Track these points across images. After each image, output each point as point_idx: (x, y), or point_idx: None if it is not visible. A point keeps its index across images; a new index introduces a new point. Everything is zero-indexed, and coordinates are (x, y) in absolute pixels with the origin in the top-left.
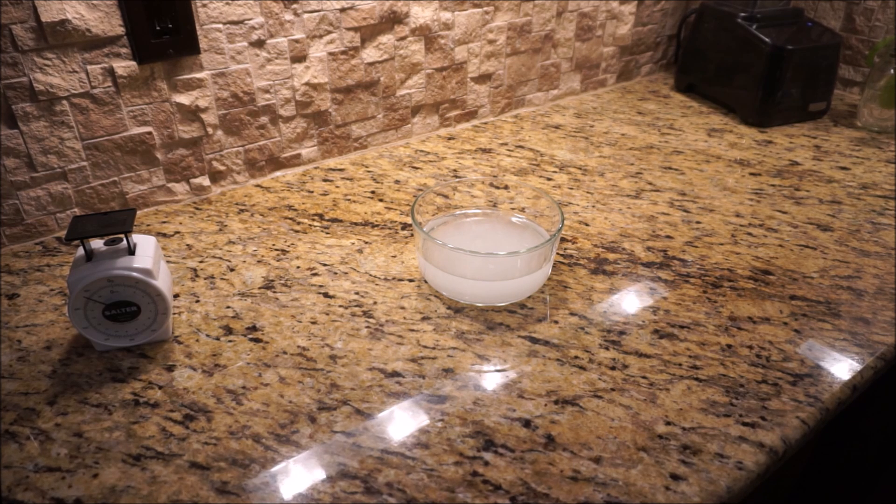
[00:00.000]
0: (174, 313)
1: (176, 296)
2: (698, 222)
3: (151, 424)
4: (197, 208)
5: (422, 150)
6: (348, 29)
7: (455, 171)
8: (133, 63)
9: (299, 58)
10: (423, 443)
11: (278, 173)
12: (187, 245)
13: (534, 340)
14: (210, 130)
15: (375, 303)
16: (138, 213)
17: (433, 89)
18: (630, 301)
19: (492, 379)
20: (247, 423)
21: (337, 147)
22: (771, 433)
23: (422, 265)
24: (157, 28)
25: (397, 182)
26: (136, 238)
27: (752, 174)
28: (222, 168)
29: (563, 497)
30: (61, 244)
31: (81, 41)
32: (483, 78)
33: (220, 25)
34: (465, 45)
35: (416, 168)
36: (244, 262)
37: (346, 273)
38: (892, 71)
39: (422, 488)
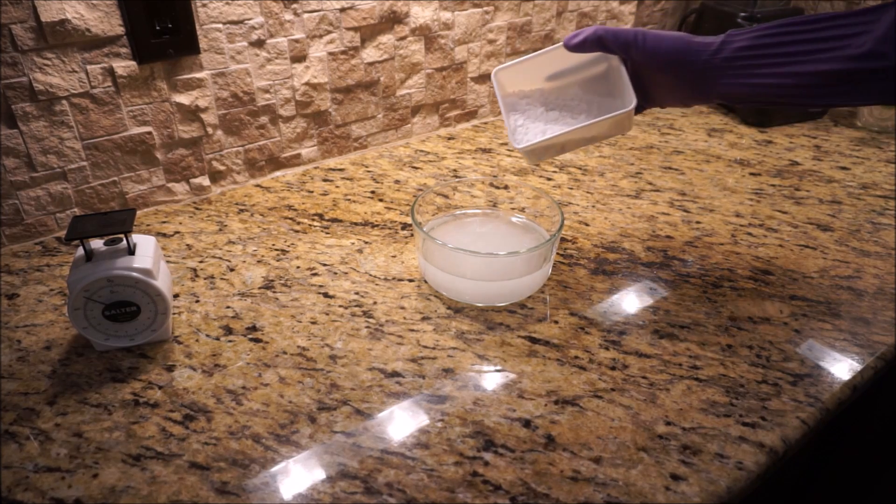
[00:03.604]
0: (174, 313)
1: (176, 296)
2: (698, 222)
3: (151, 424)
4: (197, 208)
5: (422, 150)
6: (348, 29)
7: (455, 171)
8: (133, 63)
9: (299, 58)
10: (423, 443)
11: (278, 173)
12: (187, 245)
13: (534, 340)
14: (210, 130)
15: (375, 303)
16: (138, 213)
17: (433, 89)
18: (630, 301)
19: (492, 379)
20: (247, 424)
21: (337, 147)
22: (771, 433)
23: (422, 265)
24: (157, 28)
25: (397, 182)
26: (136, 238)
27: (752, 174)
28: (222, 168)
29: (563, 497)
30: (61, 244)
31: (81, 41)
32: (483, 78)
33: (220, 25)
34: (465, 45)
35: (416, 168)
36: (244, 262)
37: (346, 273)
38: None
39: (422, 488)
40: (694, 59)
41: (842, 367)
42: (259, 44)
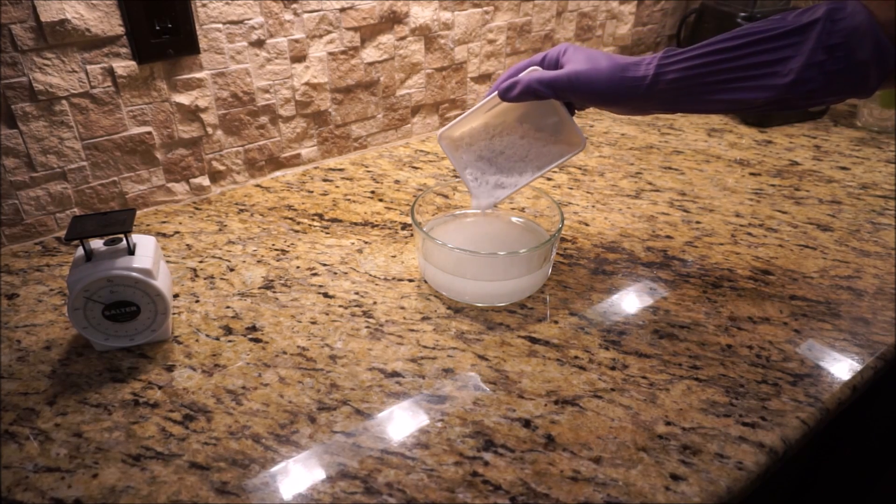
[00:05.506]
0: (174, 313)
1: (176, 296)
2: (698, 222)
3: (151, 424)
4: (197, 208)
5: (422, 150)
6: (348, 29)
7: (455, 171)
8: (133, 63)
9: (299, 58)
10: (423, 443)
11: (278, 173)
12: (187, 245)
13: (534, 340)
14: (210, 130)
15: (375, 303)
16: (138, 213)
17: (433, 89)
18: (630, 301)
19: (492, 379)
20: (247, 423)
21: (337, 147)
22: (771, 433)
23: (422, 265)
24: (157, 28)
25: (397, 182)
26: (136, 238)
27: (752, 174)
28: (222, 168)
29: (563, 497)
30: (61, 244)
31: (81, 41)
32: (483, 78)
33: (220, 25)
34: (465, 45)
35: (416, 168)
36: (244, 262)
37: (345, 273)
38: None
39: (422, 488)
40: (630, 95)
41: (842, 367)
42: (259, 44)
